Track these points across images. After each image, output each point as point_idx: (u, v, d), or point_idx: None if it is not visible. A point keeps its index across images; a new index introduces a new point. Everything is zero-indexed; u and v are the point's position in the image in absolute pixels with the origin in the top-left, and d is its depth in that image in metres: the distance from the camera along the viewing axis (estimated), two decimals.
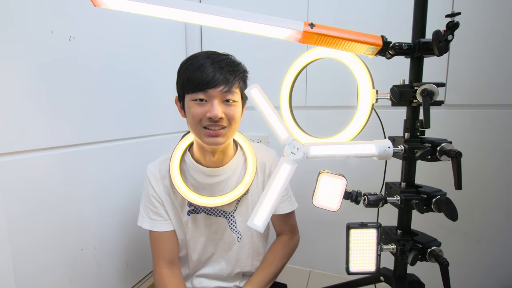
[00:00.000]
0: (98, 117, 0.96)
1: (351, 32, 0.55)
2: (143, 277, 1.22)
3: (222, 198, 0.78)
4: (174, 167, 0.80)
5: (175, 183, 0.79)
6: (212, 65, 0.69)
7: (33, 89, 0.76)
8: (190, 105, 0.71)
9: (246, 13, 0.52)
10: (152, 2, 0.50)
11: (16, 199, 0.73)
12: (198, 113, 0.70)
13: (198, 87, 0.68)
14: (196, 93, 0.69)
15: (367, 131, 0.63)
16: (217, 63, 0.69)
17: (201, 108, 0.69)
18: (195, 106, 0.70)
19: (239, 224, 0.84)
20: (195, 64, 0.69)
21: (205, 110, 0.69)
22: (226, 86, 0.69)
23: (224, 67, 0.69)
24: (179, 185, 0.78)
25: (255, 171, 0.81)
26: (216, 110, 0.68)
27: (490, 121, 1.05)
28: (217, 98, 0.69)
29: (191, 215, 0.82)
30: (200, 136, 0.72)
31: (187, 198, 0.77)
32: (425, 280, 0.67)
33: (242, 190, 0.79)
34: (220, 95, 0.69)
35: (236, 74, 0.71)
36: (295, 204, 0.91)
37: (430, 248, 0.60)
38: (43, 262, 0.80)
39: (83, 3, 0.85)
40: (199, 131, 0.72)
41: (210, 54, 0.72)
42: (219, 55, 0.72)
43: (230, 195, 0.79)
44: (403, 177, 0.63)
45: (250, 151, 0.84)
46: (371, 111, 0.62)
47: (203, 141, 0.72)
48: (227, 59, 0.72)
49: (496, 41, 1.01)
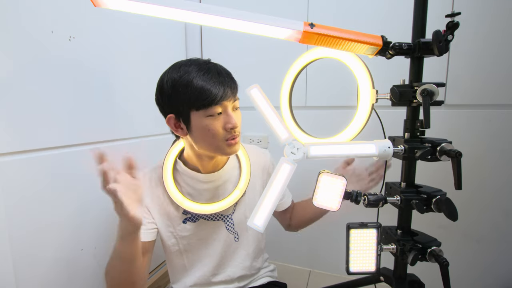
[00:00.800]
0: (98, 117, 0.96)
1: (351, 32, 0.55)
2: None
3: (219, 204, 0.78)
4: (167, 176, 0.79)
5: (170, 192, 0.77)
6: (216, 77, 0.67)
7: (33, 89, 0.76)
8: (205, 122, 0.68)
9: (246, 13, 0.52)
10: (152, 2, 0.50)
11: (16, 199, 0.73)
12: (218, 128, 0.69)
13: (214, 102, 0.66)
14: (211, 107, 0.67)
15: (367, 131, 0.63)
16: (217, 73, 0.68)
17: (218, 122, 0.69)
18: (213, 122, 0.68)
19: (237, 226, 0.84)
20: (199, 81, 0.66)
21: (222, 122, 0.69)
22: (234, 95, 0.70)
23: (226, 76, 0.69)
24: (175, 194, 0.77)
25: (249, 173, 0.81)
26: (235, 119, 0.69)
27: (490, 121, 1.05)
28: (229, 108, 0.70)
29: (188, 222, 0.81)
30: (220, 149, 0.71)
31: (183, 206, 0.77)
32: (425, 280, 0.67)
33: (238, 195, 0.79)
34: (231, 105, 0.70)
35: (234, 80, 0.72)
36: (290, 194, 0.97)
37: (430, 248, 0.60)
38: (43, 262, 0.80)
39: (83, 3, 0.85)
40: (220, 145, 0.70)
41: (202, 64, 0.69)
42: (208, 64, 0.70)
43: (226, 200, 0.79)
44: (403, 177, 0.63)
45: (243, 153, 0.84)
46: (371, 111, 0.62)
47: (223, 153, 0.72)
48: (218, 67, 0.71)
49: (496, 41, 1.01)
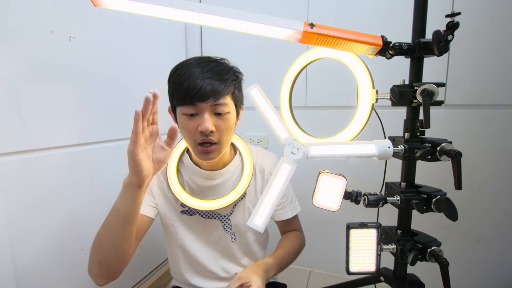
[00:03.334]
0: (98, 117, 0.96)
1: (351, 32, 0.55)
2: (144, 276, 1.22)
3: (215, 202, 0.78)
4: (171, 166, 0.80)
5: (170, 181, 0.79)
6: (201, 75, 0.65)
7: (33, 89, 0.76)
8: (181, 119, 0.69)
9: (246, 13, 0.52)
10: (152, 2, 0.50)
11: (16, 199, 0.73)
12: (190, 128, 0.68)
13: (186, 100, 0.65)
14: (185, 106, 0.67)
15: (367, 131, 0.63)
16: (206, 72, 0.66)
17: (192, 122, 0.68)
18: (187, 121, 0.68)
19: (234, 227, 0.84)
20: (183, 75, 0.66)
21: (196, 124, 0.67)
22: (215, 99, 0.66)
23: (212, 77, 0.66)
24: (174, 184, 0.79)
25: (250, 177, 0.80)
26: (207, 123, 0.66)
27: (490, 121, 1.05)
28: (207, 111, 0.67)
29: (184, 215, 0.82)
30: (194, 152, 0.72)
31: (179, 197, 0.77)
32: (425, 280, 0.67)
33: (234, 197, 0.78)
34: (209, 108, 0.67)
35: (226, 83, 0.68)
36: (298, 208, 0.89)
37: (430, 248, 0.60)
38: (43, 262, 0.80)
39: (83, 3, 0.85)
40: (193, 148, 0.71)
41: (200, 62, 0.68)
42: (209, 63, 0.69)
43: (223, 199, 0.79)
44: (403, 177, 0.63)
45: (248, 156, 0.83)
46: (371, 111, 0.62)
47: (198, 156, 0.72)
48: (217, 67, 0.68)
49: (496, 41, 1.01)
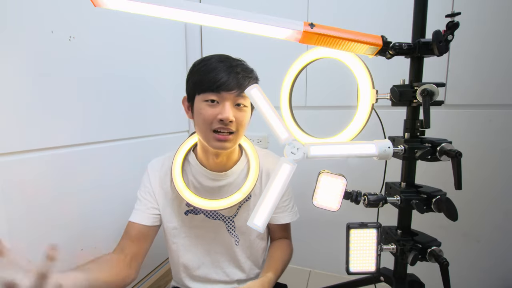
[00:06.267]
0: (98, 117, 0.96)
1: (351, 32, 0.55)
2: (144, 276, 1.22)
3: (220, 202, 0.77)
4: (176, 165, 0.80)
5: (175, 180, 0.78)
6: (227, 69, 0.69)
7: (33, 89, 0.76)
8: (201, 106, 0.70)
9: (246, 13, 0.52)
10: (152, 2, 0.50)
11: (16, 199, 0.73)
12: (209, 115, 0.69)
13: (211, 88, 0.68)
14: (208, 93, 0.69)
15: (367, 131, 0.63)
16: (232, 67, 0.70)
17: (212, 109, 0.69)
18: (206, 108, 0.69)
19: (238, 229, 0.83)
20: (209, 66, 0.70)
21: (216, 112, 0.69)
22: (239, 90, 0.69)
23: (239, 72, 0.70)
24: (178, 183, 0.78)
25: (256, 178, 0.80)
26: (228, 112, 0.68)
27: (490, 121, 1.05)
28: (229, 101, 0.69)
29: (189, 215, 0.82)
30: (208, 139, 0.71)
31: (182, 195, 0.77)
32: (425, 280, 0.67)
33: (239, 198, 0.78)
34: (232, 98, 0.69)
35: (249, 80, 0.71)
36: (297, 215, 0.89)
37: (430, 248, 0.60)
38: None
39: (83, 3, 0.85)
40: (207, 134, 0.71)
41: (224, 58, 0.72)
42: (234, 60, 0.73)
43: (228, 199, 0.78)
44: (403, 177, 0.63)
45: (255, 158, 0.82)
46: (371, 111, 0.62)
47: (210, 144, 0.71)
48: (241, 65, 0.73)
49: (496, 41, 1.01)
